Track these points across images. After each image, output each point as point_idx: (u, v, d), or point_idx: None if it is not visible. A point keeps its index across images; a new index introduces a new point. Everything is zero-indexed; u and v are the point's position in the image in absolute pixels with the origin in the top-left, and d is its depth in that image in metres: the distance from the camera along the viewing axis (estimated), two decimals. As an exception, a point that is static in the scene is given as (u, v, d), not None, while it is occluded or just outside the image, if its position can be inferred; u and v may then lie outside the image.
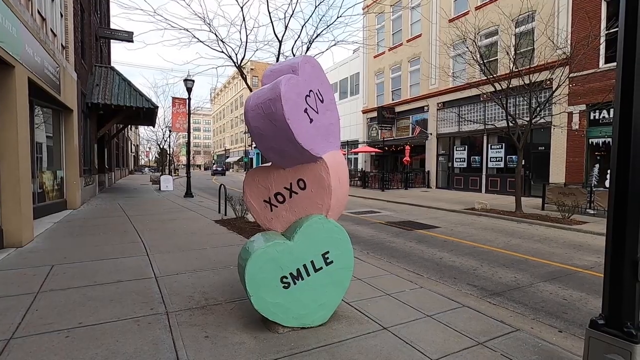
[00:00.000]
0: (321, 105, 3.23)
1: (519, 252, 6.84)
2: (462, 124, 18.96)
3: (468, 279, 5.18)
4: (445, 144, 20.27)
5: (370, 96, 26.50)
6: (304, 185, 3.21)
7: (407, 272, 5.29)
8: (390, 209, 13.07)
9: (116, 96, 13.84)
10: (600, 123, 13.29)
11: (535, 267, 5.84)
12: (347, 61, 30.18)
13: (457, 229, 9.11)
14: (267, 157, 3.19)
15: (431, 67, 20.56)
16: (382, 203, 14.87)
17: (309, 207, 3.21)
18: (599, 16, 12.99)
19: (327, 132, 3.28)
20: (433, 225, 9.65)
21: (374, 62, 26.01)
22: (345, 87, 30.69)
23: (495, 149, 17.19)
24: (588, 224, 9.53)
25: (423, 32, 21.35)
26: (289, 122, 2.73)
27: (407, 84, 22.92)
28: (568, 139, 14.15)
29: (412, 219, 10.73)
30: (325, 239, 3.14)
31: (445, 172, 20.33)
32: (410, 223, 9.96)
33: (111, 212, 10.35)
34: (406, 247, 7.14)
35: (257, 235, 3.34)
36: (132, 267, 4.86)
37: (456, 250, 6.88)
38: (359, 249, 6.82)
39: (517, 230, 9.03)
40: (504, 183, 16.69)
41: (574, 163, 13.98)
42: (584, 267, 5.89)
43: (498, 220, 10.61)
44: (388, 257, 6.27)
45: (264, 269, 2.92)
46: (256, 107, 2.84)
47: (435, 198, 15.83)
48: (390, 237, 8.03)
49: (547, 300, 4.42)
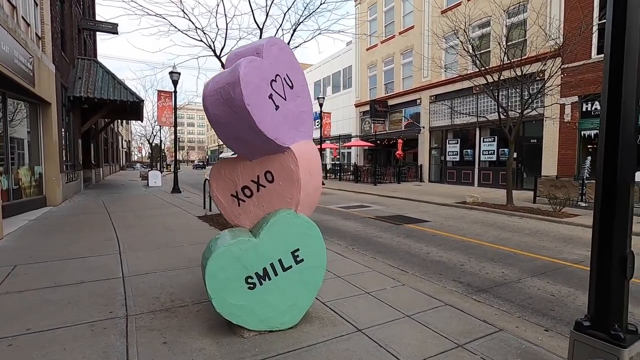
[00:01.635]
0: (290, 92, 2.98)
1: (508, 246, 6.68)
2: (454, 117, 18.77)
3: (454, 275, 5.00)
4: (437, 138, 20.09)
5: (363, 90, 26.22)
6: (272, 178, 2.98)
7: (391, 269, 5.09)
8: (381, 203, 12.88)
9: (99, 90, 13.44)
10: (592, 115, 13.16)
11: (523, 262, 5.68)
12: (340, 54, 29.81)
13: (447, 223, 8.94)
14: (230, 148, 2.94)
15: (424, 59, 20.30)
16: (374, 197, 14.68)
17: (278, 202, 2.97)
18: (591, 5, 12.80)
19: (297, 121, 3.03)
20: (423, 219, 9.47)
21: (367, 55, 25.69)
22: (337, 80, 30.35)
23: (488, 142, 17.04)
24: (579, 216, 9.41)
25: (415, 24, 21.06)
26: (249, 108, 2.48)
27: (399, 76, 22.65)
28: (560, 131, 14.02)
29: (402, 213, 10.54)
30: (294, 236, 2.92)
31: (437, 166, 20.18)
32: (400, 217, 9.77)
33: (93, 208, 10.04)
34: (393, 242, 6.94)
35: (224, 232, 3.11)
36: (100, 266, 4.61)
37: (444, 245, 6.70)
38: (344, 245, 6.62)
39: (507, 224, 8.87)
40: (496, 176, 16.57)
41: (566, 155, 13.87)
42: (573, 261, 5.74)
43: (489, 213, 10.47)
44: (373, 253, 6.07)
45: (226, 269, 2.69)
46: (214, 92, 2.59)
47: (427, 192, 15.67)
48: (378, 232, 7.83)
49: (535, 297, 4.24)
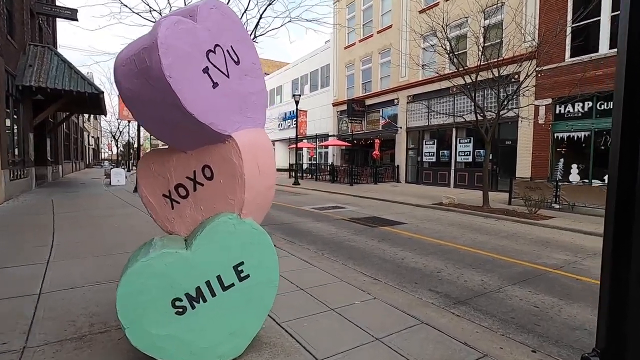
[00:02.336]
0: (236, 68, 2.41)
1: (486, 250, 6.35)
2: (431, 118, 18.66)
3: (430, 284, 4.56)
4: (414, 138, 19.94)
5: (341, 89, 25.84)
6: (211, 174, 2.40)
7: (362, 277, 4.59)
8: (357, 204, 12.45)
9: (53, 79, 12.32)
10: (565, 117, 13.25)
11: (503, 268, 5.33)
12: (318, 52, 29.33)
13: (423, 225, 8.58)
14: (155, 135, 2.34)
15: (401, 59, 20.10)
16: (349, 198, 14.25)
17: (218, 203, 2.40)
18: (565, 8, 12.88)
19: (244, 104, 2.47)
20: (398, 221, 9.08)
21: (345, 54, 25.33)
22: (315, 79, 29.85)
23: (464, 143, 16.99)
24: (554, 218, 9.28)
25: (394, 23, 20.84)
26: (172, 81, 1.89)
27: (377, 76, 22.40)
28: (534, 133, 14.07)
29: (377, 214, 10.13)
30: (237, 246, 2.35)
31: (414, 167, 20.03)
32: (375, 219, 9.35)
33: (39, 209, 9.05)
34: (367, 246, 6.47)
35: (154, 239, 2.50)
36: (18, 279, 3.87)
37: (420, 249, 6.29)
38: (314, 250, 6.08)
39: (484, 226, 8.61)
40: (472, 177, 16.53)
41: (540, 157, 13.93)
42: (553, 267, 5.44)
43: (465, 215, 10.22)
44: (345, 259, 5.57)
45: (145, 290, 2.09)
46: (128, 60, 1.99)
47: (404, 193, 15.40)
48: (351, 235, 7.35)
49: (518, 309, 3.85)
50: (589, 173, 12.62)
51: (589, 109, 12.60)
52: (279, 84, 35.58)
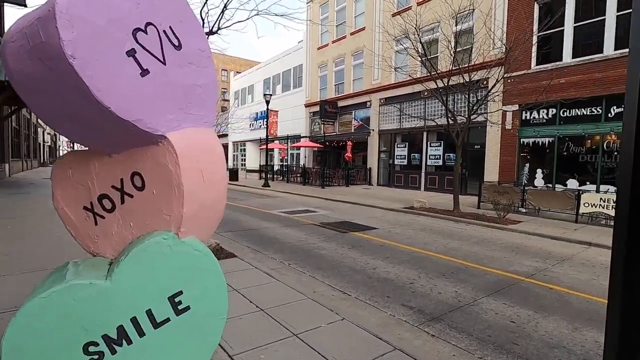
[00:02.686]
0: (176, 54, 1.97)
1: (458, 257, 6.19)
2: (403, 121, 18.71)
3: (403, 297, 4.28)
4: (386, 141, 19.95)
5: (313, 89, 25.52)
6: (142, 184, 1.94)
7: (331, 292, 4.24)
8: (328, 207, 12.13)
9: (-5, 69, 11.11)
10: (531, 123, 13.60)
11: (476, 277, 5.16)
12: (291, 52, 28.87)
13: (394, 230, 8.37)
14: (63, 134, 1.87)
15: (374, 61, 20.07)
16: (320, 201, 13.91)
17: (151, 219, 1.94)
18: (531, 18, 13.22)
19: (186, 98, 2.02)
20: (370, 226, 8.83)
21: (318, 54, 25.05)
22: (288, 79, 29.36)
23: (435, 147, 17.13)
24: (522, 223, 9.38)
25: (367, 25, 20.79)
26: (77, 63, 1.43)
27: (350, 78, 22.27)
28: (502, 138, 14.35)
29: (348, 219, 9.85)
30: (174, 272, 1.90)
31: (386, 169, 20.03)
32: (346, 224, 9.05)
33: (-29, 213, 8.04)
34: (337, 254, 6.13)
35: (69, 264, 2.01)
36: None
37: (392, 257, 6.03)
38: (280, 259, 5.67)
39: (455, 231, 8.53)
40: (442, 181, 16.69)
41: (507, 162, 14.22)
42: (525, 275, 5.34)
43: (436, 220, 10.15)
44: (313, 270, 5.19)
45: (44, 337, 1.61)
46: (19, 34, 1.51)
47: (376, 196, 15.27)
48: (321, 242, 6.99)
49: (494, 325, 3.63)
50: (552, 178, 13.00)
51: (553, 115, 12.98)
52: (251, 83, 34.81)
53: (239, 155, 39.29)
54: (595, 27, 11.91)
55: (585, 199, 9.41)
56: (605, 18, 11.61)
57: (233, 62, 60.98)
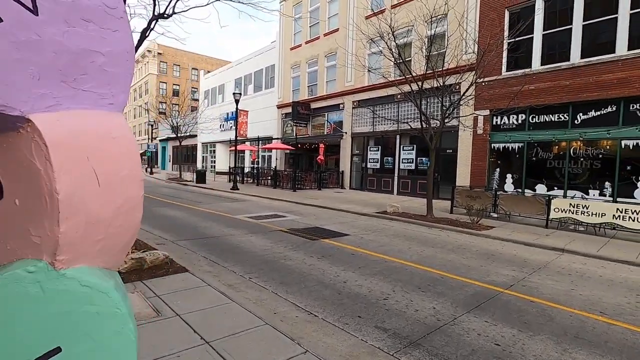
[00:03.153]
0: (60, 4, 1.36)
1: (434, 266, 5.82)
2: (376, 124, 18.51)
3: (377, 317, 3.79)
4: (359, 144, 19.67)
5: (286, 90, 24.94)
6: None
7: (295, 312, 3.69)
8: (298, 212, 11.57)
9: None
10: (501, 129, 13.70)
11: (454, 289, 4.77)
12: (263, 52, 28.16)
13: (367, 237, 7.94)
14: None
15: (348, 63, 19.79)
16: (291, 205, 13.33)
17: (14, 243, 1.32)
18: (502, 24, 13.33)
19: (76, 67, 1.41)
20: (341, 232, 8.36)
21: (291, 55, 24.51)
22: (260, 79, 28.61)
23: (407, 151, 17.01)
24: (495, 228, 9.23)
25: (340, 27, 20.50)
26: None
27: (323, 79, 21.88)
28: (473, 142, 14.39)
29: (319, 224, 9.33)
30: (46, 322, 1.29)
31: (359, 173, 19.74)
32: (317, 230, 8.53)
33: None
34: (304, 265, 5.59)
35: None
36: None
37: (365, 268, 5.56)
38: (240, 273, 5.05)
39: (429, 238, 8.22)
40: (415, 185, 16.56)
41: (478, 166, 14.26)
42: (503, 286, 5.02)
43: (410, 225, 9.84)
44: (276, 285, 4.62)
45: None
46: None
47: (348, 200, 14.88)
48: (288, 251, 6.42)
49: (478, 349, 3.21)
50: (522, 183, 13.11)
51: (522, 121, 13.12)
52: (221, 82, 33.73)
53: (208, 156, 37.94)
54: (563, 35, 12.15)
55: (556, 204, 9.42)
56: (572, 27, 11.85)
57: (204, 62, 59.37)
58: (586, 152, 11.71)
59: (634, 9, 10.66)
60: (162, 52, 56.52)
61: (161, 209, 11.23)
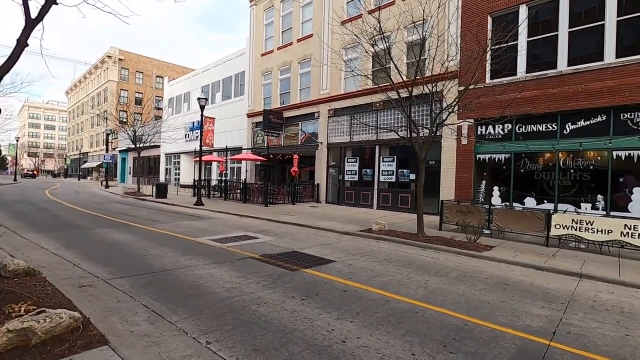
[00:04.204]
0: None
1: (448, 305, 4.58)
2: (353, 134, 17.47)
3: (404, 414, 2.46)
4: (336, 155, 18.51)
5: (257, 98, 23.50)
6: None
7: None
8: (272, 231, 10.09)
9: None
10: (487, 138, 13.02)
11: (489, 345, 3.54)
12: (232, 58, 26.64)
13: (357, 264, 6.63)
14: None
15: (323, 70, 18.76)
16: (263, 223, 11.81)
17: None
18: (485, 31, 12.77)
19: None
20: (326, 258, 6.99)
21: (262, 61, 23.19)
22: (229, 87, 26.97)
23: (387, 162, 16.02)
24: (495, 248, 8.22)
25: (315, 32, 19.50)
26: None
27: (297, 87, 20.70)
28: (457, 154, 13.61)
29: (297, 247, 7.92)
30: None
31: (335, 186, 18.52)
32: (295, 255, 7.11)
33: None
34: (285, 313, 4.16)
35: None
36: None
37: (365, 314, 4.22)
38: (193, 333, 3.53)
39: (427, 262, 7.04)
40: (396, 198, 15.54)
41: (463, 179, 13.46)
42: (544, 334, 3.86)
43: (400, 246, 8.65)
44: (246, 355, 3.16)
45: None
46: None
47: (326, 215, 13.55)
48: (262, 290, 4.96)
49: None
50: (510, 196, 12.41)
51: (509, 131, 12.50)
52: (187, 90, 31.72)
53: (172, 169, 35.41)
54: (549, 42, 11.70)
55: (556, 220, 8.59)
56: (558, 34, 11.42)
57: (170, 69, 56.55)
58: (576, 164, 11.15)
59: (620, 15, 10.33)
60: (123, 58, 53.31)
61: (104, 232, 9.35)
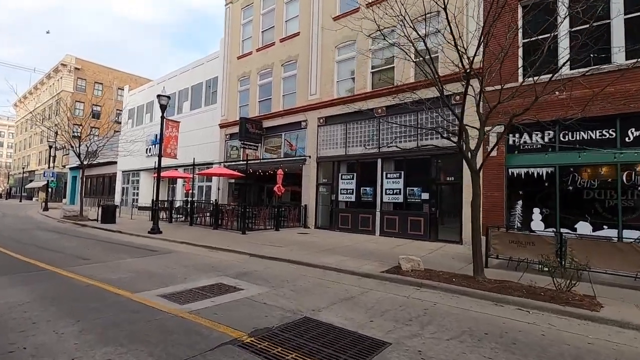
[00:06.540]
0: None
1: None
2: (349, 146, 14.73)
3: None
4: (327, 171, 15.61)
5: (231, 106, 20.43)
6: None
7: None
8: (258, 274, 6.88)
9: None
10: (522, 149, 10.67)
11: None
12: (203, 62, 23.59)
13: (427, 347, 3.60)
14: None
15: (311, 72, 16.12)
16: (243, 260, 8.54)
17: None
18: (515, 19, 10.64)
19: None
20: (366, 335, 3.92)
21: (238, 65, 20.31)
22: (198, 95, 23.73)
23: (392, 179, 13.30)
24: (609, 306, 5.46)
25: (302, 30, 16.97)
26: None
27: (279, 93, 17.89)
28: (485, 168, 11.08)
29: (308, 307, 4.79)
30: None
31: (327, 207, 15.52)
32: (312, 330, 3.98)
33: None
34: None
35: None
36: None
37: None
38: None
39: (534, 338, 4.13)
40: (405, 223, 12.73)
41: (492, 198, 10.95)
42: None
43: (460, 298, 5.73)
44: None
45: None
46: None
47: (323, 246, 10.46)
48: None
49: None
50: (555, 219, 9.95)
51: (550, 139, 10.20)
52: (150, 99, 28.10)
53: (130, 188, 31.03)
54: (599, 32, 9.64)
55: (671, 255, 6.06)
56: (611, 22, 9.42)
57: (133, 81, 52.11)
58: (643, 179, 8.92)
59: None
60: (80, 67, 48.60)
61: (-14, 283, 5.78)
